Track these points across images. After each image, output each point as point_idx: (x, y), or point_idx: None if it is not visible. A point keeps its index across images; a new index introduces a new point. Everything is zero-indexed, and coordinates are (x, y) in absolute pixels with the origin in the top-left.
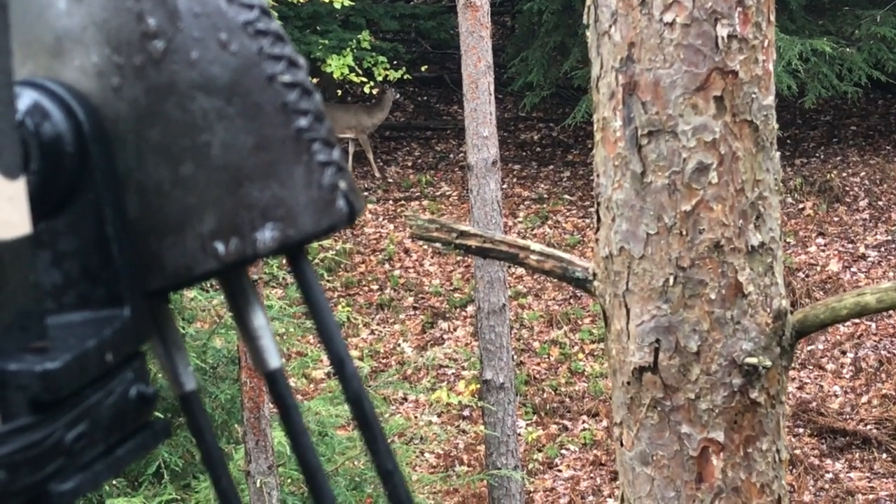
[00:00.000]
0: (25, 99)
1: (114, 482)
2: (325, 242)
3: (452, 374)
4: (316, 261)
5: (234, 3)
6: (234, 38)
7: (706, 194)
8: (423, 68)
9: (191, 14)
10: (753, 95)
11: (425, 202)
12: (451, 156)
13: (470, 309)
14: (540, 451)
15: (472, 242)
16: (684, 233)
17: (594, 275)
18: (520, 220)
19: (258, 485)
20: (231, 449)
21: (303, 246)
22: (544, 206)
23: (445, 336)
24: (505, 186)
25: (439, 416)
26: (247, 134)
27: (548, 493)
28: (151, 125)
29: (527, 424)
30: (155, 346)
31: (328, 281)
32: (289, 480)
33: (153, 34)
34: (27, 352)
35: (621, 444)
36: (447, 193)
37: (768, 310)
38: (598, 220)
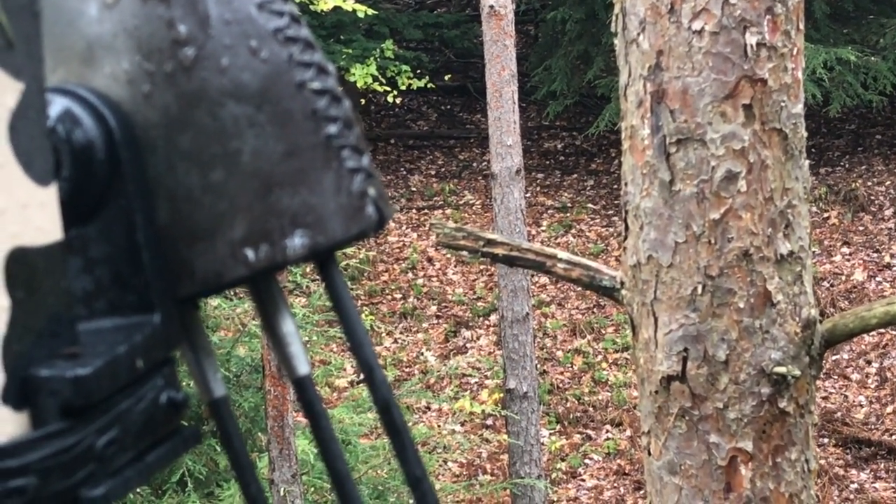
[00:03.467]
0: (57, 106)
1: (138, 490)
2: (349, 251)
3: (476, 383)
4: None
5: (264, 10)
6: (264, 45)
7: (735, 203)
8: (446, 77)
9: (221, 21)
10: (783, 103)
11: (448, 211)
12: (475, 164)
13: (493, 318)
14: (563, 460)
15: (500, 250)
16: (713, 241)
17: (622, 283)
18: (543, 228)
19: (282, 493)
20: (255, 457)
21: (332, 252)
22: (568, 214)
23: (469, 345)
24: (528, 195)
25: (462, 425)
26: (277, 141)
27: (571, 502)
28: (182, 132)
29: (550, 434)
30: (185, 352)
31: (352, 289)
32: (312, 489)
33: (184, 41)
34: (59, 357)
35: (649, 454)
36: (470, 202)
37: (797, 319)
38: (626, 228)
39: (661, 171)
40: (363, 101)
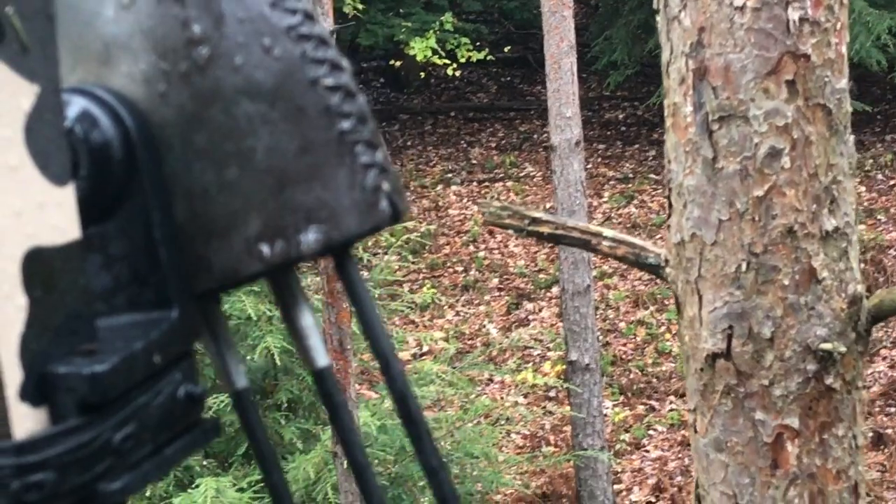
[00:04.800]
0: (75, 106)
1: (203, 463)
2: (409, 224)
3: (538, 355)
4: (399, 243)
5: (277, 7)
6: (277, 43)
7: (779, 179)
8: (506, 49)
9: (235, 20)
10: (826, 79)
11: (509, 183)
12: (535, 136)
13: (555, 290)
14: (627, 431)
15: (545, 229)
16: (757, 218)
17: (666, 261)
18: (605, 199)
19: (345, 466)
20: (319, 430)
21: (348, 247)
22: (629, 185)
23: (531, 317)
24: (590, 166)
25: (525, 396)
26: (290, 137)
27: (635, 473)
28: (197, 130)
29: (613, 405)
30: (207, 345)
31: (413, 263)
32: (375, 461)
33: (198, 41)
34: (76, 354)
35: (695, 431)
36: (531, 174)
37: (843, 295)
38: (670, 206)
39: (703, 149)
40: (423, 74)
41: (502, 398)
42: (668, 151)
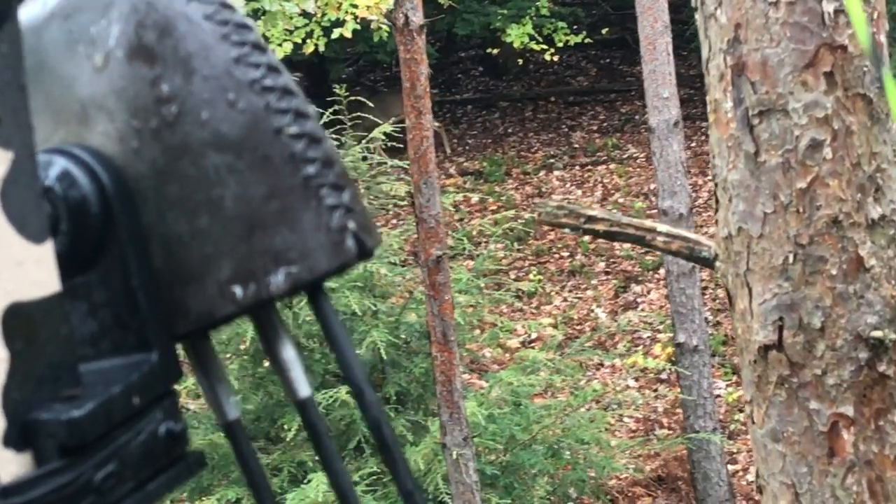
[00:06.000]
0: (56, 167)
1: (316, 457)
2: (510, 212)
3: (648, 337)
4: (500, 231)
5: (241, 63)
6: (241, 97)
7: (821, 170)
8: (603, 31)
9: (200, 77)
10: (865, 68)
11: (612, 166)
12: (637, 117)
13: (662, 271)
14: (741, 411)
15: (600, 227)
16: (801, 210)
17: (715, 255)
18: (710, 178)
19: (454, 456)
20: (428, 421)
21: (318, 284)
22: None
23: (639, 299)
24: (694, 145)
25: (637, 380)
26: (257, 185)
27: (750, 453)
28: (169, 182)
29: (727, 385)
30: (199, 380)
31: (519, 250)
32: (486, 450)
33: (167, 99)
34: (58, 401)
35: (753, 422)
36: (634, 155)
37: (892, 282)
38: (717, 201)
39: (745, 144)
40: (521, 60)
41: (613, 382)
42: (713, 147)
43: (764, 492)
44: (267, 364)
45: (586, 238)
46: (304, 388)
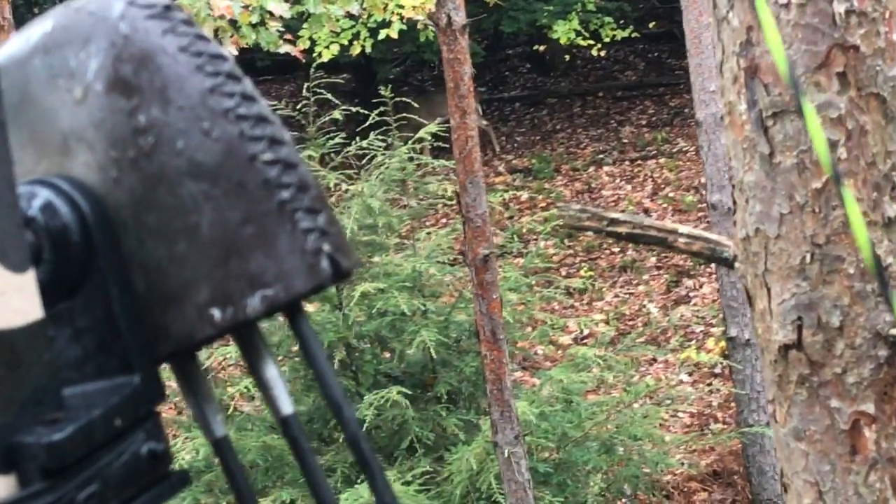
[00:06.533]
0: (39, 198)
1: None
2: (559, 207)
3: (701, 331)
4: (550, 228)
5: (215, 93)
6: (215, 126)
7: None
8: (650, 25)
9: (176, 108)
10: (878, 68)
11: (662, 160)
12: (686, 111)
13: (714, 265)
14: None
15: (622, 229)
16: (817, 210)
17: (734, 256)
18: None
19: (506, 455)
20: (480, 420)
21: (296, 304)
22: None
23: (691, 294)
24: None
25: (690, 374)
26: (232, 211)
27: None
28: (148, 210)
29: None
30: (187, 398)
31: (569, 247)
32: (538, 448)
33: (143, 130)
34: (41, 424)
35: (775, 421)
36: (684, 149)
37: None
38: (734, 202)
39: (760, 145)
40: (568, 56)
41: (667, 377)
42: (728, 149)
43: (788, 490)
44: None
45: None
46: (286, 406)
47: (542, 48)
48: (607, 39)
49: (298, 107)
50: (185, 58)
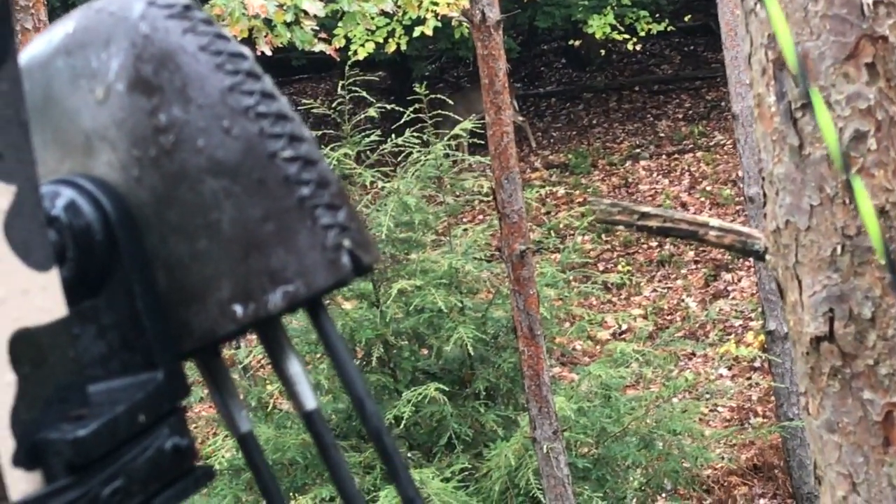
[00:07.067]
0: (62, 197)
1: (408, 455)
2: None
3: (740, 325)
4: (587, 223)
5: (235, 91)
6: (235, 124)
7: (866, 161)
8: (686, 18)
9: (196, 107)
10: None
11: (699, 154)
12: (723, 104)
13: (752, 259)
14: None
15: (653, 223)
16: (847, 202)
17: (765, 249)
18: None
19: (545, 450)
20: (518, 416)
21: (317, 300)
22: None
23: (730, 288)
24: None
25: (729, 369)
26: (253, 208)
27: None
28: (169, 208)
29: None
30: (212, 394)
31: (606, 242)
32: (577, 444)
33: (164, 129)
34: (66, 420)
35: (808, 413)
36: (721, 142)
37: None
38: (764, 195)
39: (789, 137)
40: (603, 51)
41: (706, 372)
42: (758, 142)
43: (822, 483)
44: (356, 363)
45: None
46: (310, 401)
47: (577, 43)
48: (643, 33)
49: (334, 105)
50: (204, 57)
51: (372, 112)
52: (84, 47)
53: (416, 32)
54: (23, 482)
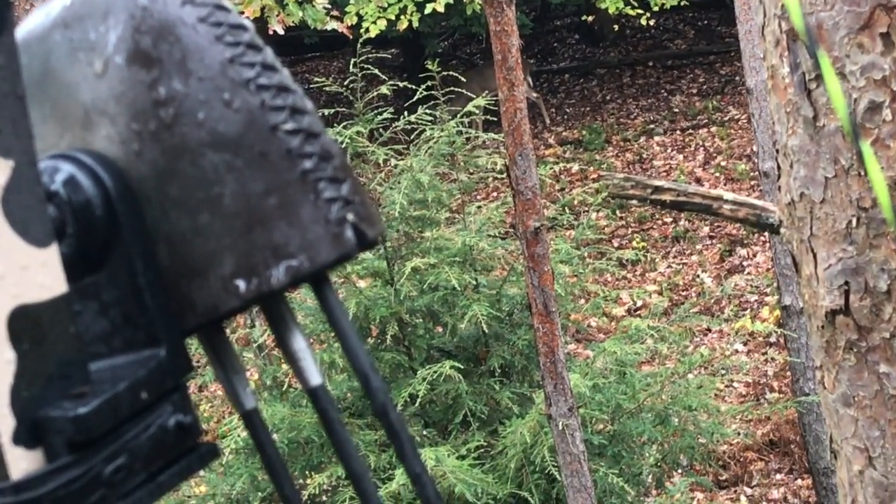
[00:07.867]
0: (62, 172)
1: (424, 433)
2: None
3: (755, 301)
4: (601, 200)
5: (235, 63)
6: (236, 96)
7: (881, 132)
8: None
9: (196, 79)
10: None
11: (714, 129)
12: (738, 78)
13: (768, 233)
14: None
15: (667, 196)
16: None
17: (779, 222)
18: None
19: (560, 427)
20: (533, 393)
21: (321, 274)
22: None
23: (745, 263)
24: None
25: (745, 344)
26: (255, 181)
27: None
28: (170, 182)
29: None
30: (216, 371)
31: (621, 218)
32: (593, 420)
33: (163, 102)
34: (67, 398)
35: (824, 387)
36: (735, 117)
37: None
38: (778, 167)
39: (803, 108)
40: (616, 26)
41: (722, 347)
42: (772, 114)
43: (838, 457)
44: (371, 342)
45: None
46: (314, 377)
47: (590, 18)
48: (656, 8)
49: (346, 83)
50: (204, 28)
51: (384, 89)
52: (82, 20)
53: (428, 9)
54: (23, 460)
